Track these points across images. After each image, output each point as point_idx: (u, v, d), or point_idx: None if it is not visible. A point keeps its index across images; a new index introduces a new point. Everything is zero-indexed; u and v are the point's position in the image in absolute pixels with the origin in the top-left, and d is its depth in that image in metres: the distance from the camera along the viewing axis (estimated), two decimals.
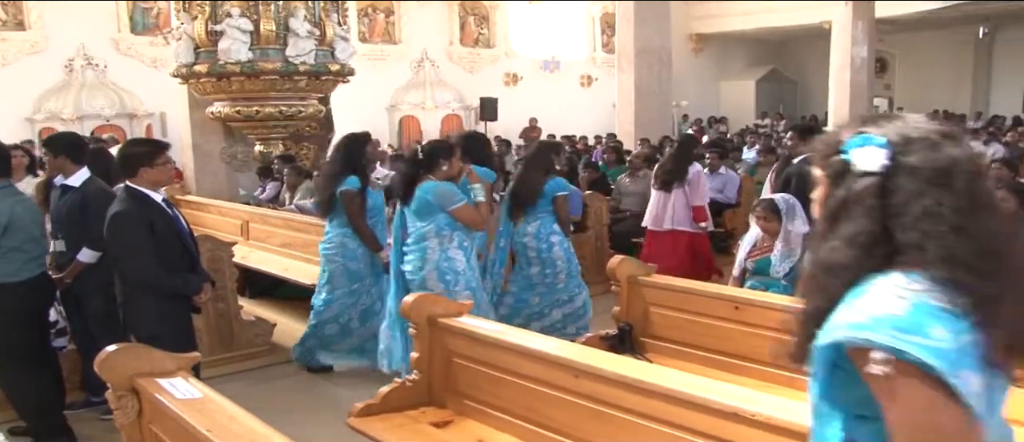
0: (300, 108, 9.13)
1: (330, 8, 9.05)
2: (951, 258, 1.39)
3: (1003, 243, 1.45)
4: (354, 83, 10.37)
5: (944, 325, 1.33)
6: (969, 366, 1.33)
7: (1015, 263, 1.45)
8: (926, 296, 1.36)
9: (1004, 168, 7.47)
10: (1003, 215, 1.51)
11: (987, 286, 1.38)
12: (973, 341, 1.35)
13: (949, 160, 1.45)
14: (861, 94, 19.28)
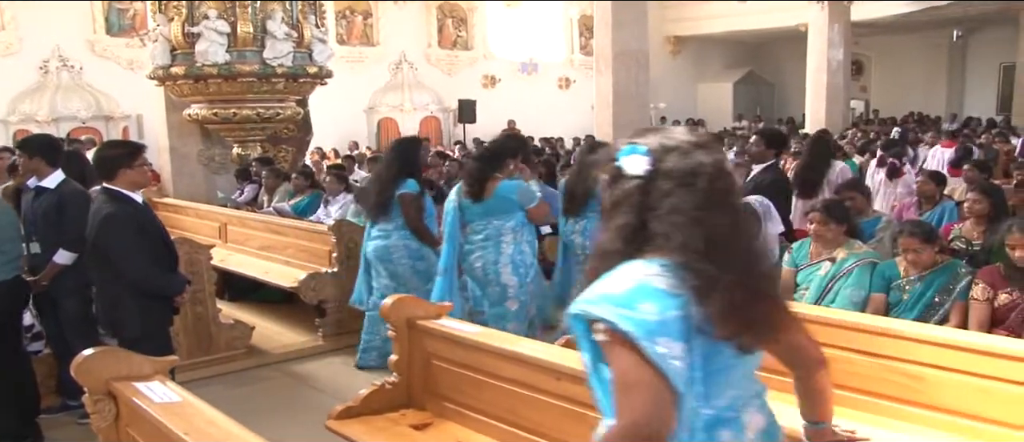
0: (278, 110, 9.10)
1: (308, 10, 9.02)
2: (684, 246, 1.69)
3: (730, 234, 1.74)
4: (332, 85, 10.34)
5: (655, 302, 1.64)
6: (670, 335, 1.62)
7: (737, 251, 1.75)
8: (652, 279, 1.67)
9: (975, 170, 7.57)
10: (737, 211, 1.84)
11: (708, 268, 1.67)
12: (682, 316, 1.65)
13: (696, 165, 1.75)
14: (837, 96, 19.44)
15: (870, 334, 3.43)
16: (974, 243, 5.32)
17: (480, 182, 5.38)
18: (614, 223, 1.78)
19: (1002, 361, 3.07)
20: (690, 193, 1.72)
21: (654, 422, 1.60)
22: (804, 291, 4.88)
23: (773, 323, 1.82)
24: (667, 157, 1.76)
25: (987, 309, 4.25)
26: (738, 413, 1.83)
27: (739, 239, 1.78)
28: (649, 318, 1.61)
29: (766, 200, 5.41)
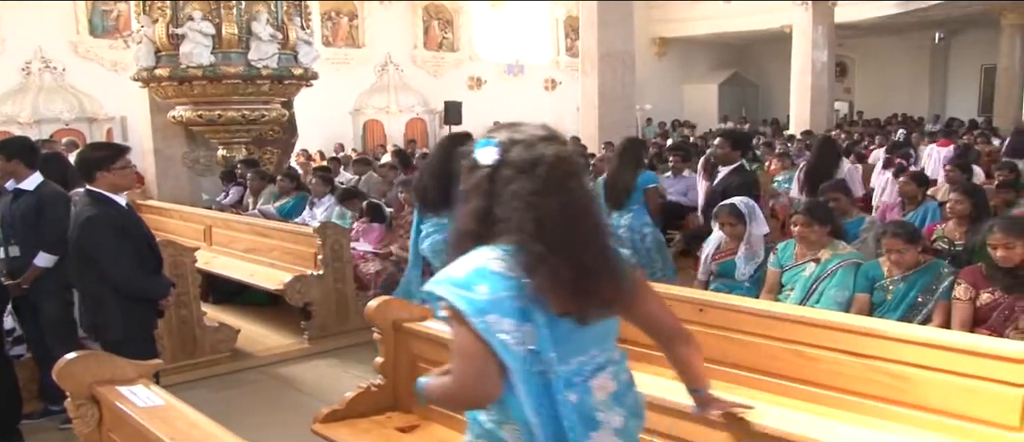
0: (263, 112, 9.07)
1: (293, 11, 9.00)
2: (519, 228, 1.92)
3: (562, 217, 1.96)
4: (318, 87, 10.32)
5: (489, 283, 1.90)
6: (499, 312, 1.89)
7: (568, 232, 1.96)
8: (490, 262, 1.93)
9: (957, 170, 7.61)
10: (573, 195, 2.01)
11: (537, 247, 1.91)
12: (515, 295, 1.91)
13: (537, 155, 1.98)
14: (822, 97, 19.54)
15: (854, 334, 3.43)
16: (956, 243, 5.35)
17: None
18: (468, 208, 2.04)
19: (985, 360, 3.09)
20: (528, 180, 1.95)
21: (477, 388, 1.94)
22: (789, 292, 4.90)
23: (605, 297, 2.02)
24: (513, 148, 1.99)
25: (970, 308, 4.27)
26: (586, 378, 2.06)
27: (572, 221, 1.98)
28: (481, 298, 1.89)
29: (751, 201, 5.42)
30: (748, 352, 3.75)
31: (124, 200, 4.38)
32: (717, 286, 5.29)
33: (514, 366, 1.90)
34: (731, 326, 3.85)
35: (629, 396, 2.18)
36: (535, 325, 1.93)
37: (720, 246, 5.39)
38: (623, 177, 6.51)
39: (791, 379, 3.59)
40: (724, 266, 5.32)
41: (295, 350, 6.46)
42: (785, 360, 3.61)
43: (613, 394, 2.11)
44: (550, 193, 1.95)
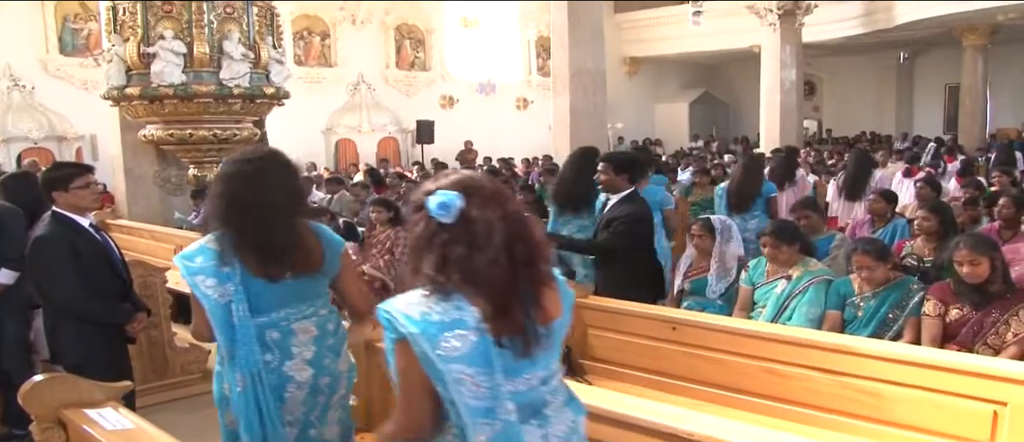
0: (235, 131, 9.00)
1: (265, 31, 8.95)
2: (219, 219, 2.91)
3: (230, 208, 2.88)
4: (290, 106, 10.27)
5: (203, 255, 2.90)
6: (205, 274, 2.85)
7: (240, 218, 2.85)
8: (209, 242, 2.90)
9: (927, 187, 7.72)
10: (234, 193, 2.88)
11: (224, 230, 2.89)
12: (216, 262, 2.85)
13: (231, 168, 2.99)
14: (790, 115, 19.75)
15: (826, 351, 3.47)
16: (925, 260, 5.42)
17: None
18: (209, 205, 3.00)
19: (955, 376, 3.13)
20: (222, 183, 2.95)
21: (204, 331, 2.94)
22: (761, 309, 4.93)
23: (287, 265, 2.88)
24: (231, 165, 2.99)
25: (939, 324, 4.32)
26: (290, 322, 2.95)
27: (247, 212, 2.83)
28: (195, 264, 2.86)
29: (727, 220, 5.46)
30: (720, 369, 3.77)
31: (88, 221, 4.31)
32: (689, 304, 5.32)
33: (211, 310, 2.83)
34: (703, 344, 3.87)
35: (335, 338, 3.04)
36: (231, 283, 2.83)
37: (692, 263, 5.42)
38: (748, 186, 7.23)
39: (763, 396, 3.62)
40: (696, 284, 5.35)
41: None
42: (757, 377, 3.64)
43: (314, 336, 2.98)
44: (234, 193, 2.88)
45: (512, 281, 2.00)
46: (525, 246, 2.04)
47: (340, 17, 20.23)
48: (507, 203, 2.06)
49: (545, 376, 2.11)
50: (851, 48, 23.84)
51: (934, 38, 21.72)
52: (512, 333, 2.00)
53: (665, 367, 4.06)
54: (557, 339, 2.15)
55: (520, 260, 2.02)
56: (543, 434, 2.07)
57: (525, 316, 2.02)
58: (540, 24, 22.77)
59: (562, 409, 2.16)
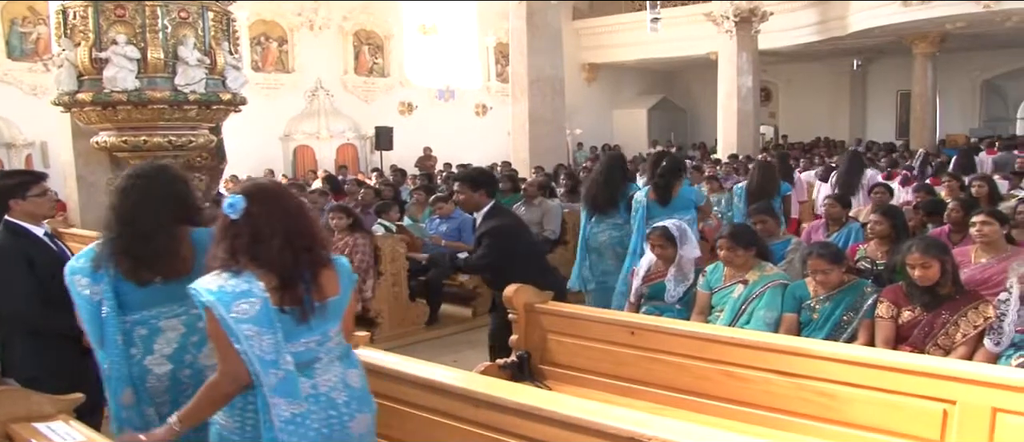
0: (190, 138, 8.89)
1: (221, 36, 8.85)
2: (104, 226, 3.28)
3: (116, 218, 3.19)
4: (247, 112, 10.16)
5: (83, 258, 3.20)
6: (82, 274, 3.13)
7: (122, 225, 3.16)
8: (93, 246, 3.23)
9: (885, 193, 7.85)
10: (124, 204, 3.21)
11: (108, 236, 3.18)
12: (93, 266, 3.14)
13: (125, 181, 3.32)
14: (747, 121, 19.97)
15: (783, 354, 3.51)
16: (878, 263, 5.50)
17: (667, 188, 6.71)
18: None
19: (906, 376, 3.18)
20: (112, 196, 3.33)
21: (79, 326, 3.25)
22: (719, 313, 4.97)
23: (150, 268, 3.12)
24: (122, 179, 3.34)
25: (892, 326, 4.39)
26: (157, 321, 3.20)
27: (123, 222, 3.14)
28: (77, 264, 3.16)
29: (682, 224, 5.50)
30: (679, 373, 3.80)
31: (42, 230, 4.23)
32: (648, 309, 5.35)
33: (81, 306, 3.12)
34: (662, 348, 3.90)
35: (202, 335, 3.11)
36: (102, 284, 3.10)
37: (651, 268, 5.45)
38: (766, 185, 8.08)
39: (722, 399, 3.65)
40: (655, 288, 5.38)
41: None
42: (716, 380, 3.67)
43: (181, 334, 3.22)
44: (115, 207, 3.22)
45: (291, 263, 2.59)
46: (303, 236, 2.65)
47: (298, 23, 20.11)
48: (286, 202, 2.69)
49: (320, 339, 2.70)
50: (806, 55, 24.19)
51: (886, 46, 22.10)
52: (292, 304, 2.59)
53: (624, 371, 4.08)
54: (332, 312, 2.72)
55: (300, 247, 2.62)
56: (312, 384, 2.65)
57: (304, 292, 2.60)
58: (499, 30, 22.81)
59: (331, 363, 2.73)
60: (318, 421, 2.64)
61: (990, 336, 4.14)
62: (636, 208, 6.72)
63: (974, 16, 17.53)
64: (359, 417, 2.76)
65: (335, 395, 2.70)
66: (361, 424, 2.77)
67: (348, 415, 2.72)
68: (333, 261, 2.76)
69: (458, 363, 5.62)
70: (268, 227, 2.58)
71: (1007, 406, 2.99)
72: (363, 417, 2.78)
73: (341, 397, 2.72)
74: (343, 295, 2.76)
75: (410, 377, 3.34)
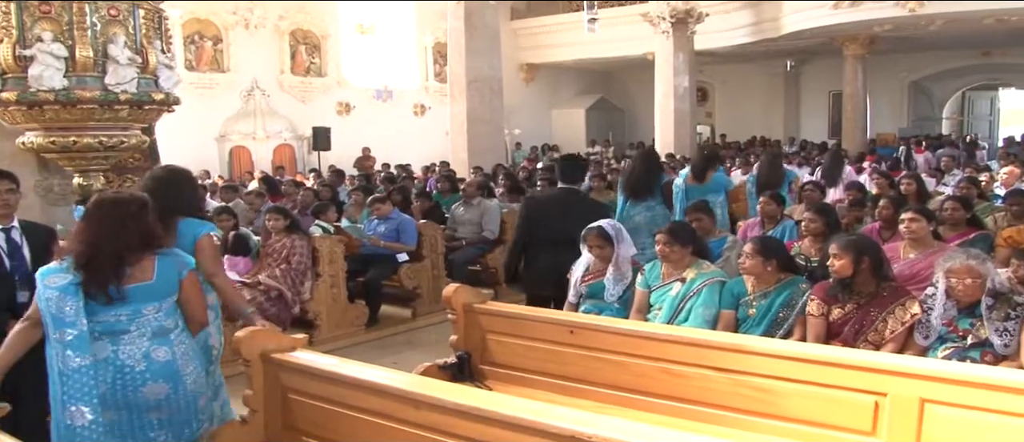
0: (122, 139, 8.68)
1: (153, 34, 8.66)
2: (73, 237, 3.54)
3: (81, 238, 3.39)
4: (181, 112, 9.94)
5: (54, 272, 3.33)
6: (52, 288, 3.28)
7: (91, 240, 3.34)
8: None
9: (815, 191, 7.98)
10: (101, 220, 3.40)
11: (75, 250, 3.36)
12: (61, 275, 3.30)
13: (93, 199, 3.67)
14: (684, 121, 20.21)
15: (721, 350, 3.55)
16: (812, 260, 5.59)
17: (704, 172, 8.16)
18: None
19: (839, 370, 3.24)
20: (85, 216, 3.53)
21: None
22: (657, 311, 5.01)
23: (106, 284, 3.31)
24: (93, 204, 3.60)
25: (822, 323, 4.48)
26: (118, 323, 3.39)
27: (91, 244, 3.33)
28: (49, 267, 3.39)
29: (618, 224, 5.53)
30: (619, 371, 3.82)
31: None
32: (587, 308, 5.37)
33: (46, 306, 3.26)
34: (601, 346, 3.91)
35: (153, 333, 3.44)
36: (65, 294, 3.26)
37: (589, 268, 5.47)
38: (773, 176, 8.92)
39: (662, 396, 3.68)
40: (593, 288, 5.40)
41: None
42: (655, 378, 3.70)
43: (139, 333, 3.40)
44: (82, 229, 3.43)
45: (93, 259, 3.30)
46: (113, 238, 3.33)
47: (233, 21, 19.81)
48: (110, 211, 3.41)
49: (131, 314, 3.36)
50: (741, 56, 24.55)
51: (818, 47, 22.53)
52: (97, 289, 3.29)
53: (564, 370, 4.09)
54: (141, 294, 3.40)
55: (106, 247, 3.31)
56: (114, 349, 3.33)
57: (108, 281, 3.30)
58: (437, 31, 22.75)
59: (141, 337, 3.38)
60: (108, 377, 3.31)
61: (919, 331, 4.25)
62: (676, 191, 8.03)
63: (900, 19, 17.98)
64: (152, 385, 3.38)
65: (134, 363, 3.35)
66: (155, 391, 3.39)
67: (141, 381, 3.36)
68: (159, 254, 3.48)
69: (398, 364, 5.59)
70: (88, 230, 3.38)
71: (934, 397, 3.06)
72: (158, 386, 3.39)
73: (140, 365, 3.36)
74: (156, 282, 3.43)
75: (348, 379, 3.30)
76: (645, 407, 3.69)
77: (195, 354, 3.63)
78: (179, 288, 3.53)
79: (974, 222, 6.25)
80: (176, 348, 3.47)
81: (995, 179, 10.62)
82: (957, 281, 4.10)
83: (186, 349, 3.53)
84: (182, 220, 4.06)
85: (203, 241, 4.03)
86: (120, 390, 3.32)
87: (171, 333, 3.47)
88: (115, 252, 3.32)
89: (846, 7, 18.08)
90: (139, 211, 3.43)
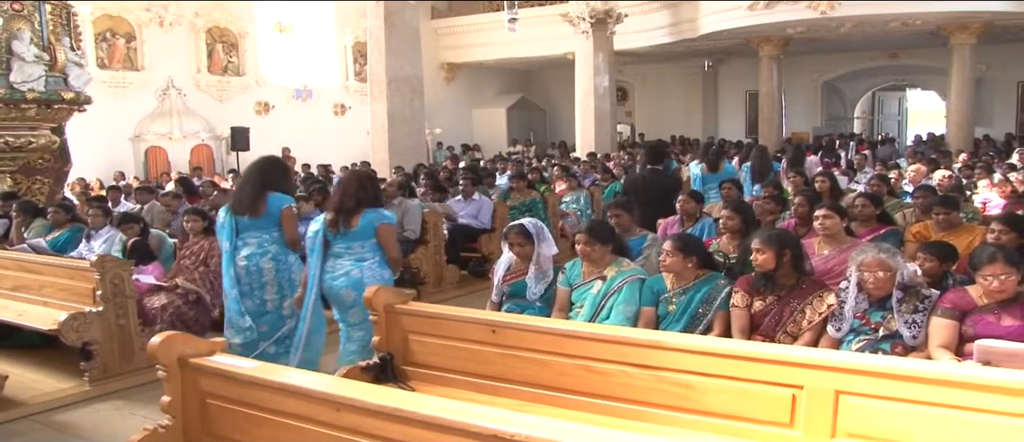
0: (30, 139, 8.44)
1: (61, 31, 8.44)
2: None
3: None
4: (93, 112, 9.76)
5: None
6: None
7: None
8: None
9: (734, 188, 8.15)
10: None
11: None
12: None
13: None
14: (605, 120, 20.42)
15: (641, 347, 3.59)
16: (730, 256, 5.71)
17: (716, 162, 10.01)
18: None
19: (756, 364, 3.31)
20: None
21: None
22: (579, 309, 5.05)
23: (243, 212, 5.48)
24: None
25: (746, 315, 4.58)
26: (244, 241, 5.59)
27: (239, 188, 5.81)
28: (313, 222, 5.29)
29: (539, 222, 5.55)
30: (541, 370, 3.84)
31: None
32: (509, 306, 5.38)
33: (219, 229, 5.52)
34: (524, 345, 3.93)
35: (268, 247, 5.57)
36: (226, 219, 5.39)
37: (511, 267, 5.49)
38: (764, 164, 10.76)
39: (583, 394, 3.70)
40: (515, 287, 5.41)
41: (74, 394, 6.00)
42: (576, 376, 3.72)
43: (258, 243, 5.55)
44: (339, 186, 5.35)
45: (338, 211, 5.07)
46: (349, 199, 5.02)
47: (146, 18, 19.37)
48: (349, 184, 5.11)
49: (347, 245, 5.21)
50: (660, 56, 24.93)
51: (734, 48, 23.01)
52: (332, 228, 5.18)
53: (487, 370, 4.09)
54: (353, 236, 5.19)
55: (349, 204, 5.05)
56: (332, 263, 5.24)
57: (338, 225, 5.13)
58: (357, 29, 22.58)
59: (348, 260, 5.20)
60: (328, 280, 5.28)
61: (833, 323, 4.37)
62: (693, 179, 9.75)
63: (812, 21, 18.49)
64: (346, 290, 5.20)
65: (342, 273, 5.23)
66: (348, 293, 5.22)
67: (342, 285, 5.24)
68: (365, 211, 5.16)
69: (320, 367, 5.53)
70: (337, 192, 5.26)
71: (848, 388, 3.15)
72: (346, 292, 5.22)
73: (342, 277, 5.24)
74: (360, 228, 5.16)
75: (268, 383, 3.25)
76: (567, 404, 3.72)
77: (378, 277, 5.14)
78: (375, 234, 5.21)
79: (884, 218, 6.46)
80: (365, 271, 5.18)
81: (904, 177, 10.98)
82: (869, 274, 4.23)
83: (374, 273, 5.19)
84: (272, 194, 5.60)
85: (286, 210, 5.63)
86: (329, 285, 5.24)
87: (365, 261, 5.21)
88: (344, 208, 5.17)
89: (761, 8, 18.51)
90: (358, 186, 5.23)
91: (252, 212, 5.55)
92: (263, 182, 5.60)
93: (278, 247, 5.59)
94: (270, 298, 5.63)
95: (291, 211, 5.62)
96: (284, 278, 5.62)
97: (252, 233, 5.61)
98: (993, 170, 11.13)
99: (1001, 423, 2.85)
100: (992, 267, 3.96)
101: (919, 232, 6.29)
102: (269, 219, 5.56)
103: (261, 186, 5.57)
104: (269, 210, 5.54)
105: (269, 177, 5.65)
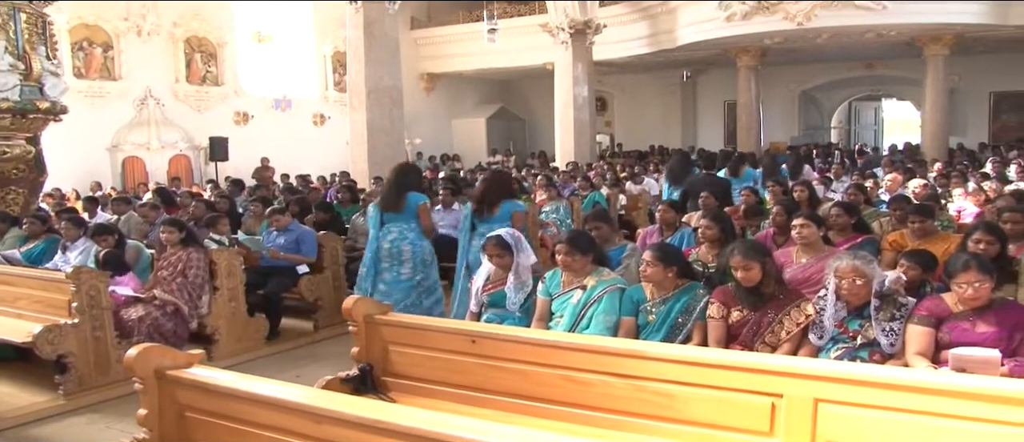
0: (4, 149, 8.37)
1: (37, 40, 8.37)
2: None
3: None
4: (69, 122, 9.67)
5: None
6: None
7: None
8: None
9: (712, 197, 8.19)
10: None
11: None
12: None
13: None
14: (584, 130, 20.49)
15: (621, 357, 3.59)
16: (709, 266, 5.73)
17: (737, 168, 10.99)
18: None
19: (736, 373, 3.32)
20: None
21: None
22: (559, 319, 5.04)
23: (387, 208, 7.10)
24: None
25: (723, 326, 4.58)
26: (389, 230, 7.15)
27: (386, 188, 7.40)
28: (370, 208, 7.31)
29: (517, 233, 5.55)
30: (521, 380, 3.83)
31: None
32: (489, 317, 5.38)
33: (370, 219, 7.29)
34: (504, 355, 3.92)
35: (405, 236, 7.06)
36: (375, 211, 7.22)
37: (490, 277, 5.48)
38: (773, 168, 11.81)
39: (564, 403, 3.70)
40: (495, 297, 5.41)
41: (49, 408, 5.93)
42: (557, 386, 3.72)
43: (400, 230, 7.06)
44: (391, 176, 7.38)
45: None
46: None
47: (124, 28, 19.26)
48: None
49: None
50: (639, 66, 25.04)
51: (713, 58, 23.16)
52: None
53: (467, 380, 4.08)
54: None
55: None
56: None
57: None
58: (336, 39, 22.54)
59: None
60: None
61: (813, 331, 4.39)
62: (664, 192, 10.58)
63: (789, 32, 18.65)
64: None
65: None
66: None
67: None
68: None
69: (301, 378, 5.51)
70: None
71: (827, 396, 3.17)
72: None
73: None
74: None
75: (247, 395, 3.23)
76: (547, 415, 3.71)
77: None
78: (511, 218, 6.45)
79: (861, 227, 6.50)
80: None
81: (880, 186, 11.07)
82: (845, 281, 4.26)
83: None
84: (410, 193, 7.04)
85: (421, 206, 7.09)
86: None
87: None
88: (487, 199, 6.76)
89: (738, 20, 18.64)
90: (499, 184, 7.02)
91: (395, 207, 7.03)
92: (403, 184, 7.12)
93: (415, 234, 7.05)
94: (405, 273, 7.02)
95: (426, 206, 7.15)
96: (418, 259, 7.05)
97: (395, 223, 7.09)
98: (967, 179, 11.24)
99: (977, 429, 2.88)
100: (966, 275, 4.00)
101: (895, 240, 6.33)
102: (408, 212, 7.05)
103: (402, 187, 7.07)
104: (408, 206, 7.03)
105: (407, 179, 7.21)
